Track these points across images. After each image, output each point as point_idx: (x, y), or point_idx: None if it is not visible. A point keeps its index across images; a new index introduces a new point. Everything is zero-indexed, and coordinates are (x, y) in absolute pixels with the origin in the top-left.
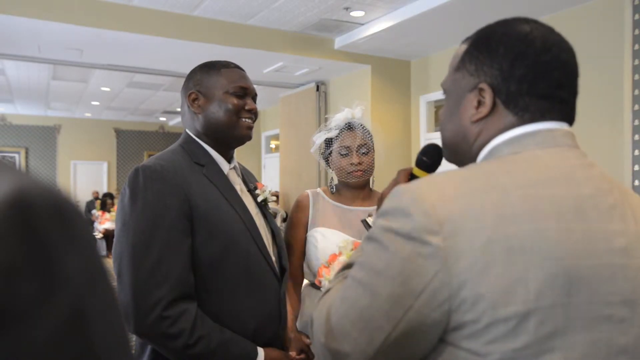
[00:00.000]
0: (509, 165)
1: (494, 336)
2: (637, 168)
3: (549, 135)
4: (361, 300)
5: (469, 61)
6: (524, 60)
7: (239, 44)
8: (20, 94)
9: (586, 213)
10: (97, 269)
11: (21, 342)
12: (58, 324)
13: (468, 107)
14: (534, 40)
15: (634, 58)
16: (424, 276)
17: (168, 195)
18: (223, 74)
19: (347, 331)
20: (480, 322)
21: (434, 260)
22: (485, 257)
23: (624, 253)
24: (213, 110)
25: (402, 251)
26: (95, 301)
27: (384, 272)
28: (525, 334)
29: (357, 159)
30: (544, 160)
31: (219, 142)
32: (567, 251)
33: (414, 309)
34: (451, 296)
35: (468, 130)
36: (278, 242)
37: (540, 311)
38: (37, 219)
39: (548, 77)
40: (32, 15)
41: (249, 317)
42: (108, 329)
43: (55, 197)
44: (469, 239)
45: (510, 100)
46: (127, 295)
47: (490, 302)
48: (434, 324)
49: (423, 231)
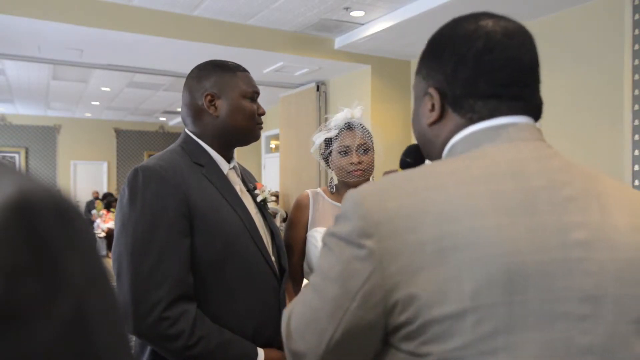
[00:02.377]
0: (454, 163)
1: (429, 337)
2: (637, 168)
3: (502, 130)
4: (312, 303)
5: (422, 65)
6: (466, 63)
7: (239, 44)
8: (20, 94)
9: (535, 207)
10: (99, 269)
11: (25, 343)
12: (61, 324)
13: (425, 111)
14: (476, 41)
15: (634, 58)
16: (358, 279)
17: (167, 196)
18: (239, 77)
19: (302, 332)
20: (414, 323)
21: (368, 262)
22: (418, 258)
23: (583, 246)
24: (231, 113)
25: (343, 254)
26: (96, 302)
27: (328, 275)
28: (461, 334)
29: (357, 159)
30: (493, 156)
31: (227, 144)
32: (509, 247)
33: (350, 310)
34: (385, 298)
35: (428, 133)
36: (277, 242)
37: (477, 310)
38: (40, 221)
39: (492, 77)
40: (32, 15)
41: (249, 317)
42: (109, 329)
43: (56, 198)
44: (403, 240)
45: (457, 103)
46: (127, 295)
47: (423, 302)
48: (371, 326)
49: (359, 234)
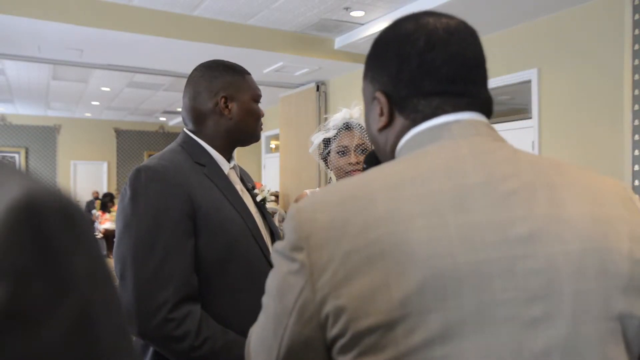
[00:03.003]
0: (387, 168)
1: (362, 349)
2: (637, 168)
3: (444, 128)
4: (261, 321)
5: (367, 69)
6: (409, 63)
7: (239, 44)
8: (20, 94)
9: (470, 204)
10: (103, 270)
11: (31, 343)
12: (67, 325)
13: (374, 116)
14: (417, 40)
15: (634, 58)
16: (293, 293)
17: (170, 196)
18: (247, 81)
19: (256, 352)
20: (345, 336)
21: (300, 276)
22: (344, 268)
23: (526, 242)
24: (244, 116)
25: (280, 269)
26: (101, 302)
27: (270, 291)
28: (393, 345)
29: (355, 159)
30: (431, 156)
31: (231, 144)
32: (439, 249)
33: (289, 327)
34: (317, 312)
35: (378, 139)
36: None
37: (408, 319)
38: (46, 223)
39: (434, 74)
40: (32, 15)
41: (252, 316)
42: (113, 330)
43: (62, 200)
44: (331, 251)
45: (403, 105)
46: (131, 297)
47: (351, 314)
48: (310, 341)
49: (291, 248)
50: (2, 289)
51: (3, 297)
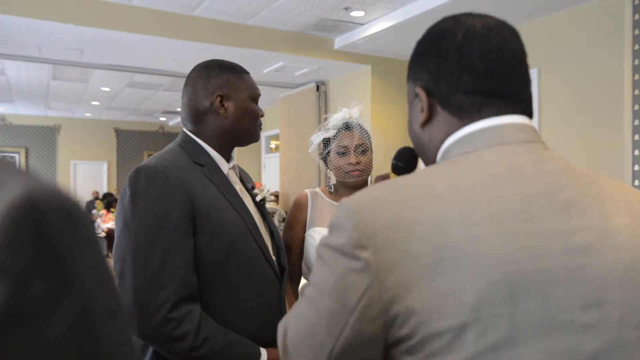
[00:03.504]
0: (449, 169)
1: (431, 351)
2: (637, 168)
3: (498, 131)
4: (308, 316)
5: (410, 69)
6: (448, 57)
7: (239, 44)
8: (20, 94)
9: (534, 213)
10: (104, 270)
11: (33, 343)
12: (68, 325)
13: (416, 113)
14: (455, 35)
15: (634, 58)
16: (356, 292)
17: (170, 196)
18: (245, 80)
19: (299, 347)
20: (414, 338)
21: (365, 275)
22: (414, 270)
23: (583, 251)
24: (241, 115)
25: (337, 266)
26: (102, 302)
27: (323, 287)
28: (464, 347)
29: (355, 159)
30: (490, 160)
31: (229, 144)
32: (508, 256)
33: (349, 325)
34: (384, 311)
35: (421, 136)
36: (277, 242)
37: (479, 323)
38: (47, 222)
39: (472, 69)
40: (32, 15)
41: (252, 316)
42: (114, 329)
43: (63, 199)
44: (398, 252)
45: (445, 100)
46: (130, 297)
47: (422, 316)
48: (371, 340)
49: (353, 246)
50: (2, 289)
51: (3, 297)
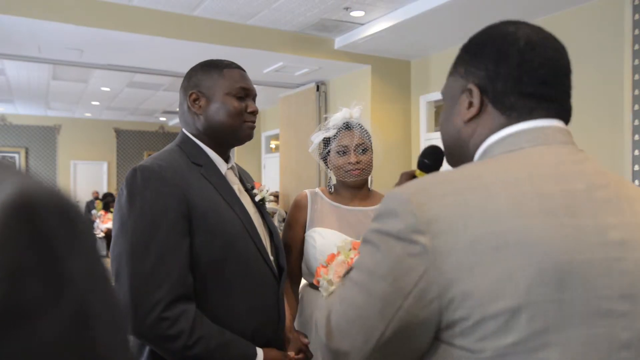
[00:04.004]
0: (496, 164)
1: (485, 333)
2: (637, 168)
3: (540, 132)
4: (357, 300)
5: (460, 65)
6: (508, 60)
7: (239, 44)
8: (20, 94)
9: (578, 208)
10: (100, 269)
11: (28, 343)
12: (63, 324)
13: (461, 108)
14: (518, 40)
15: (634, 58)
16: (412, 275)
17: (167, 196)
18: (224, 75)
19: (346, 330)
20: (470, 320)
21: (422, 259)
22: (472, 255)
23: (620, 246)
24: (214, 112)
25: (393, 251)
26: (98, 301)
27: (376, 272)
28: (516, 329)
29: (355, 158)
30: (534, 158)
31: (218, 143)
32: (557, 246)
33: (403, 308)
34: (440, 294)
35: (462, 131)
36: (276, 242)
37: (531, 306)
38: (42, 221)
39: (532, 74)
40: (32, 15)
41: (248, 317)
42: (110, 329)
43: (59, 198)
44: (456, 237)
45: (498, 99)
46: (126, 296)
47: (478, 299)
48: (425, 323)
49: (411, 231)
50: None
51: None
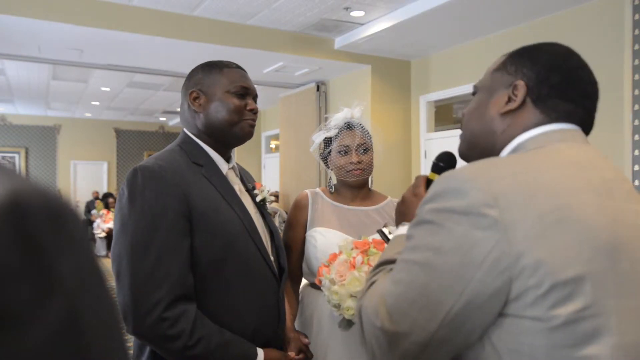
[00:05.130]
0: (537, 155)
1: (556, 300)
2: (637, 168)
3: (569, 133)
4: (418, 279)
5: (511, 63)
6: (561, 71)
7: (239, 44)
8: (20, 94)
9: (613, 193)
10: (93, 271)
11: (16, 345)
12: (53, 326)
13: (499, 101)
14: (571, 57)
15: (634, 58)
16: (483, 247)
17: (167, 196)
18: (224, 74)
19: (405, 311)
20: (541, 287)
21: (493, 231)
22: (539, 227)
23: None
24: (214, 110)
25: (459, 226)
26: (90, 304)
27: (441, 248)
28: (583, 295)
29: (356, 158)
30: (567, 151)
31: (219, 141)
32: (606, 222)
33: (476, 279)
34: (511, 265)
35: (495, 122)
36: (277, 242)
37: (593, 275)
38: (31, 221)
39: (579, 87)
40: (32, 15)
41: (249, 317)
42: (104, 332)
43: (50, 199)
44: (522, 211)
45: (541, 99)
46: (126, 296)
47: (550, 267)
48: (496, 293)
49: (480, 205)
50: None
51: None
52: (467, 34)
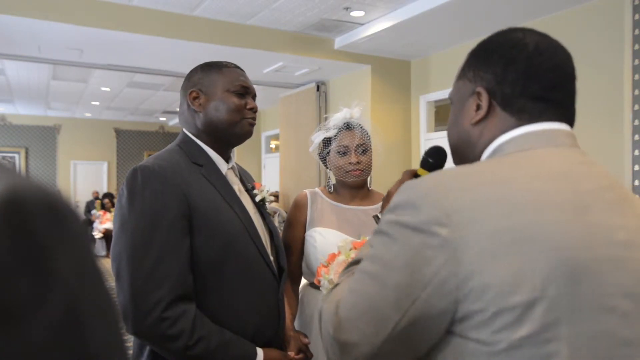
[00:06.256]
0: (510, 162)
1: (501, 325)
2: (637, 168)
3: (551, 134)
4: (369, 291)
5: (468, 69)
6: (516, 64)
7: (239, 44)
8: (20, 94)
9: (587, 207)
10: (92, 269)
11: (14, 342)
12: (52, 323)
13: (469, 111)
14: (526, 45)
15: (634, 58)
16: (432, 266)
17: (167, 196)
18: (224, 73)
19: (355, 322)
20: (487, 311)
21: (442, 250)
22: (492, 247)
23: (625, 246)
24: (214, 109)
25: (411, 242)
26: (89, 301)
27: (392, 263)
28: (531, 322)
29: (356, 158)
30: (545, 158)
31: (219, 141)
32: (569, 242)
33: (421, 298)
34: (459, 286)
35: (470, 133)
36: (276, 242)
37: (545, 299)
38: (30, 219)
39: (540, 78)
40: (32, 15)
41: (248, 317)
42: (103, 329)
43: (48, 196)
44: (476, 230)
45: (506, 102)
46: (126, 295)
47: (497, 291)
48: (441, 314)
49: (431, 223)
50: None
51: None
52: (467, 34)
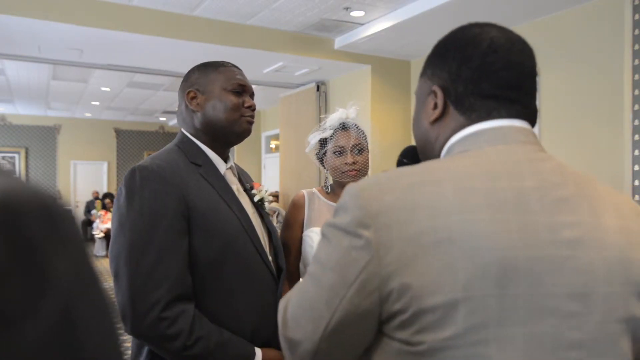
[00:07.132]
0: (450, 161)
1: (422, 326)
2: (637, 168)
3: (499, 132)
4: (309, 291)
5: (427, 67)
6: (470, 62)
7: (239, 44)
8: (20, 94)
9: (528, 205)
10: (87, 271)
11: (9, 346)
12: (47, 327)
13: (427, 110)
14: (480, 43)
15: (634, 58)
16: (356, 267)
17: (165, 196)
18: (221, 72)
19: (298, 320)
20: (407, 312)
21: (365, 252)
22: (413, 249)
23: (573, 245)
24: (212, 108)
25: (341, 244)
26: (85, 304)
27: (326, 263)
28: (453, 323)
29: (352, 159)
30: (490, 156)
31: (217, 140)
32: (502, 242)
33: (346, 298)
34: (380, 287)
35: (429, 132)
36: (275, 242)
37: (469, 301)
38: (24, 222)
39: (493, 77)
40: (32, 15)
41: (247, 317)
42: (99, 332)
43: (43, 199)
44: (399, 231)
45: (459, 101)
46: (125, 296)
47: (416, 291)
48: (366, 314)
49: (357, 225)
50: None
51: None
52: None
